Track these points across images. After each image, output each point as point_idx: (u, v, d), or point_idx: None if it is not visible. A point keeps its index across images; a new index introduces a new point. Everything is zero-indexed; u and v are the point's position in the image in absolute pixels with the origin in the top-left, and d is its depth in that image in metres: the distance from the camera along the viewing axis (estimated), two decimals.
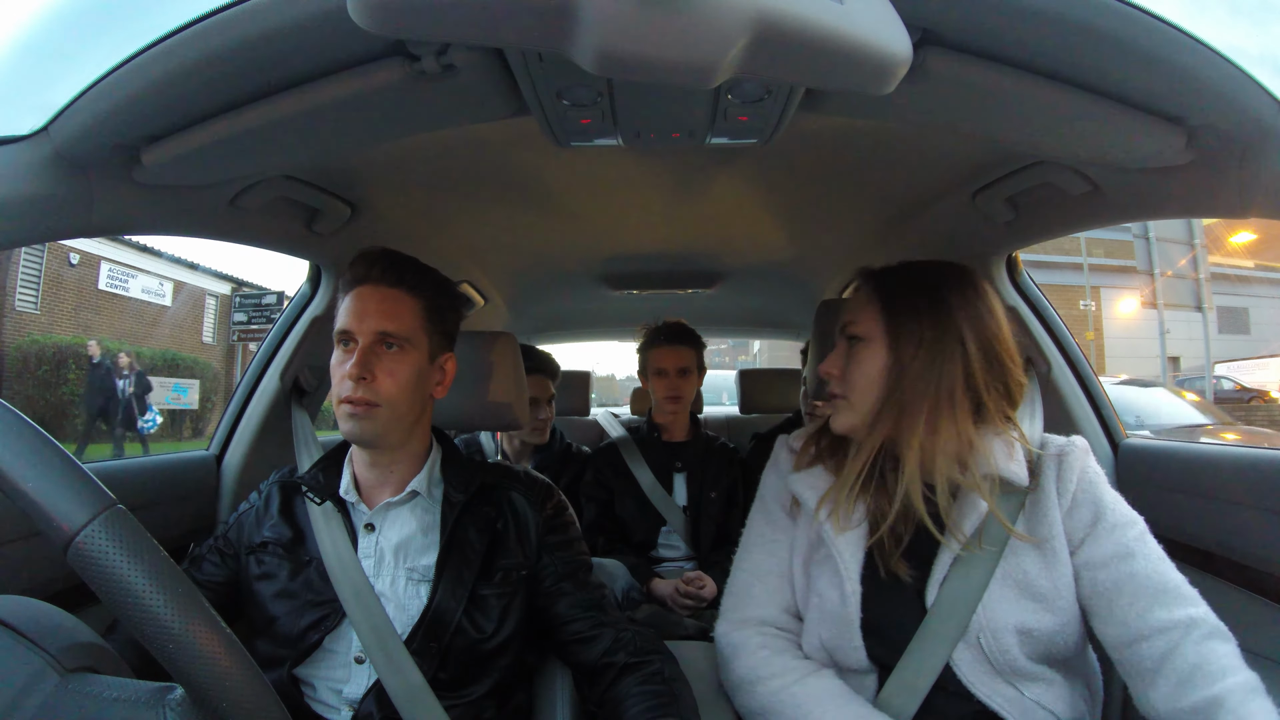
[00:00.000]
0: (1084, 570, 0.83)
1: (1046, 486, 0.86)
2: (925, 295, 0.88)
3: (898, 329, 0.86)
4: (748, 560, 1.00)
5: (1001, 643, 0.81)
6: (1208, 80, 0.60)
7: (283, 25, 0.55)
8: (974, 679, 0.82)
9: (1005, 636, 0.81)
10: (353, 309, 0.93)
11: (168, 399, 11.24)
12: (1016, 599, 0.83)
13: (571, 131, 0.75)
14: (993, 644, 0.81)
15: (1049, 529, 0.84)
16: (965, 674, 0.82)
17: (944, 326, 0.85)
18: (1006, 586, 0.83)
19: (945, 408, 0.84)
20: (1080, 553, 0.84)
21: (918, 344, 0.85)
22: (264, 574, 0.94)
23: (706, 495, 1.91)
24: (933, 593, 0.84)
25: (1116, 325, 16.60)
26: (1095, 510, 0.84)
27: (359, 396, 0.89)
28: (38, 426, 0.47)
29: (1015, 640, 0.81)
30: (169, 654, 0.44)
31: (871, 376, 0.88)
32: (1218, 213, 0.79)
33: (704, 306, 2.40)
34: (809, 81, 0.58)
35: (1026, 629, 0.81)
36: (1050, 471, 0.87)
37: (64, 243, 9.07)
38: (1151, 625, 0.77)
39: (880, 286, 0.91)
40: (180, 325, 13.14)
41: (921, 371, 0.84)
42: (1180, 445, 1.22)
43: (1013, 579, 0.84)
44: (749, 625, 0.95)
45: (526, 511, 1.00)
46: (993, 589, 0.83)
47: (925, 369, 0.84)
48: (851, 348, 0.91)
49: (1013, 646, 0.81)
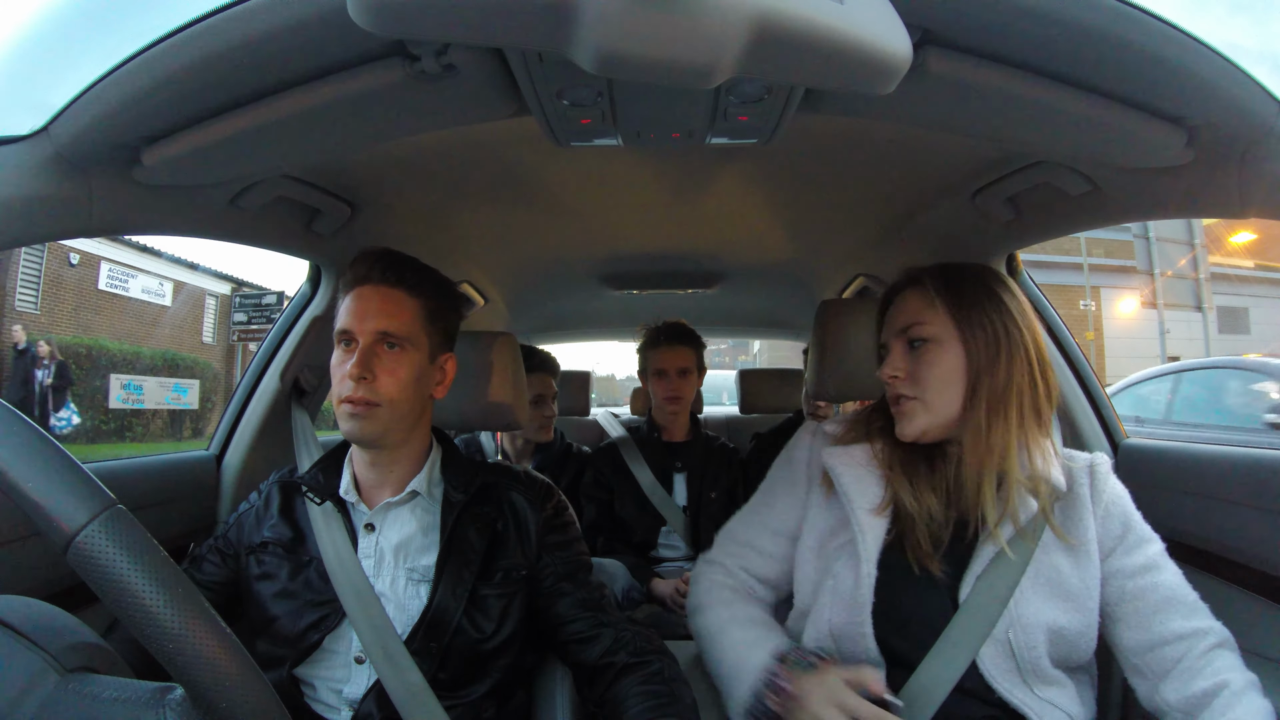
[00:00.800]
0: (1113, 578, 0.87)
1: (1081, 494, 0.90)
2: (986, 294, 0.89)
3: (970, 327, 0.88)
4: (733, 521, 1.07)
5: (1031, 639, 0.83)
6: (1208, 80, 0.60)
7: (283, 25, 0.55)
8: (997, 676, 0.83)
9: (1035, 634, 0.83)
10: (353, 309, 0.93)
11: (168, 399, 11.23)
12: (1048, 598, 0.85)
13: (571, 131, 0.75)
14: (1022, 640, 0.83)
15: (1084, 533, 0.88)
16: (989, 671, 0.83)
17: (1009, 325, 0.88)
18: (1039, 585, 0.85)
19: (1016, 405, 0.86)
20: (1110, 561, 0.88)
21: (992, 342, 0.87)
22: (264, 574, 0.94)
23: (706, 495, 1.91)
24: (967, 588, 0.85)
25: (1116, 325, 16.58)
26: (1125, 523, 0.89)
27: (359, 396, 0.89)
28: (38, 426, 0.47)
29: (1045, 638, 0.83)
30: (169, 654, 0.44)
31: (948, 378, 0.88)
32: (1218, 213, 0.79)
33: (704, 306, 2.40)
34: (809, 81, 0.58)
35: (1057, 628, 0.83)
36: (1084, 480, 0.91)
37: (64, 243, 9.05)
38: (1169, 634, 0.83)
39: (945, 286, 0.90)
40: (180, 325, 13.13)
41: (999, 369, 0.86)
42: (1180, 445, 1.22)
43: (1045, 578, 0.86)
44: (713, 563, 1.04)
45: (526, 511, 1.00)
46: (1024, 587, 0.84)
47: (1003, 367, 0.86)
48: (917, 349, 0.90)
49: (1040, 644, 0.83)
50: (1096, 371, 1.39)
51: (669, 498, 1.91)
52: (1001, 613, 0.83)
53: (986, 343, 0.87)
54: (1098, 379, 1.39)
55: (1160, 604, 0.85)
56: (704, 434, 2.05)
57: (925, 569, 0.87)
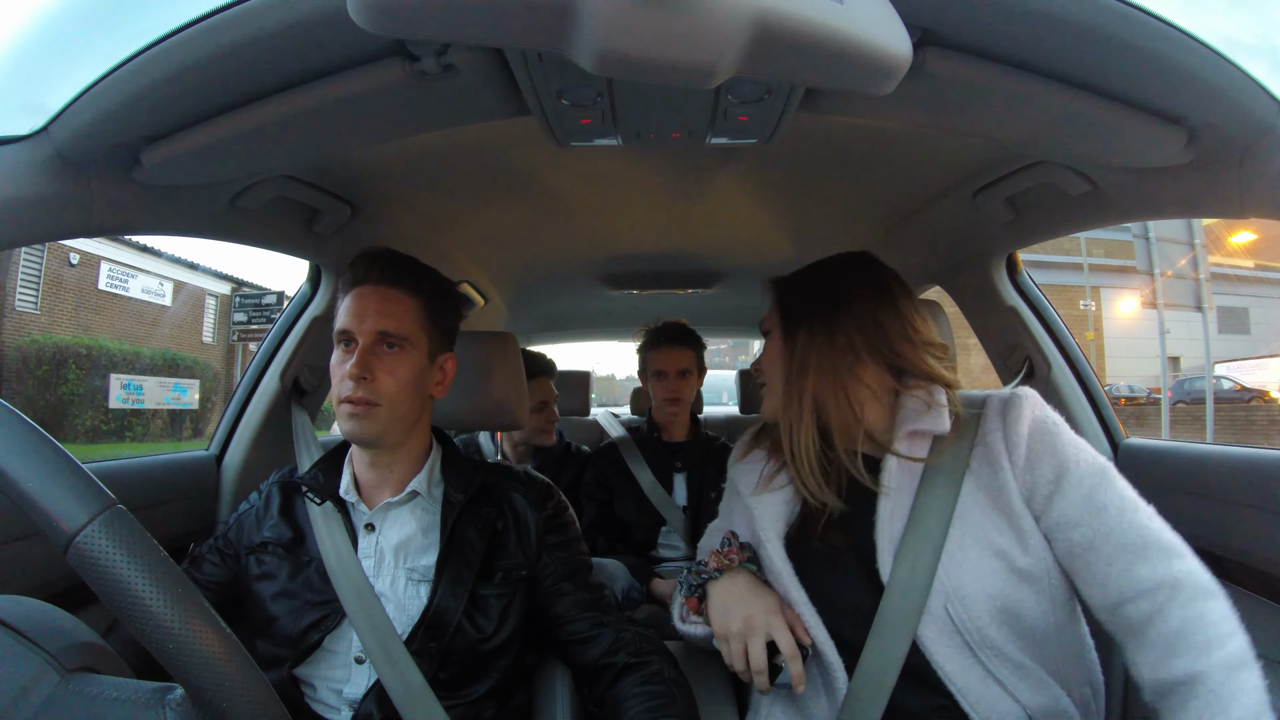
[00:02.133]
0: (1056, 532, 0.79)
1: (990, 441, 0.84)
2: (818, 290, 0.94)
3: (790, 320, 0.93)
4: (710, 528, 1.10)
5: (972, 611, 0.78)
6: (1208, 80, 0.60)
7: (283, 25, 0.55)
8: (946, 657, 0.78)
9: (976, 605, 0.78)
10: (353, 309, 0.93)
11: (168, 399, 11.23)
12: (983, 565, 0.80)
13: (571, 131, 0.75)
14: (962, 614, 0.78)
15: (1000, 486, 0.82)
16: (934, 651, 0.79)
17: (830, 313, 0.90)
18: (971, 551, 0.80)
19: (836, 382, 0.88)
20: (1049, 513, 0.80)
21: (808, 330, 0.91)
22: (264, 574, 0.94)
23: (706, 495, 1.91)
24: (886, 565, 0.83)
25: (1116, 325, 16.59)
26: (1057, 464, 0.80)
27: (359, 396, 0.89)
28: (38, 426, 0.47)
29: (987, 609, 0.78)
30: (169, 654, 0.44)
31: (774, 362, 0.95)
32: (1218, 213, 0.79)
33: (704, 306, 2.40)
34: (809, 81, 0.58)
35: (1001, 597, 0.78)
36: (994, 424, 0.85)
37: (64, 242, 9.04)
38: (1135, 586, 0.74)
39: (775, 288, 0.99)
40: (180, 325, 13.13)
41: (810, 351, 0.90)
42: (1180, 445, 1.22)
43: (976, 542, 0.81)
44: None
45: (526, 511, 1.00)
46: (954, 554, 0.80)
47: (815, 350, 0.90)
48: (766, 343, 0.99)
49: (983, 615, 0.78)
50: (1096, 371, 1.39)
51: (669, 498, 1.91)
52: (930, 583, 0.79)
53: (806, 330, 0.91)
54: (1098, 379, 1.39)
55: (1114, 551, 0.75)
56: (704, 434, 2.05)
57: (831, 545, 0.88)
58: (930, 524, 0.83)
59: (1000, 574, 0.79)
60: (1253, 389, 14.47)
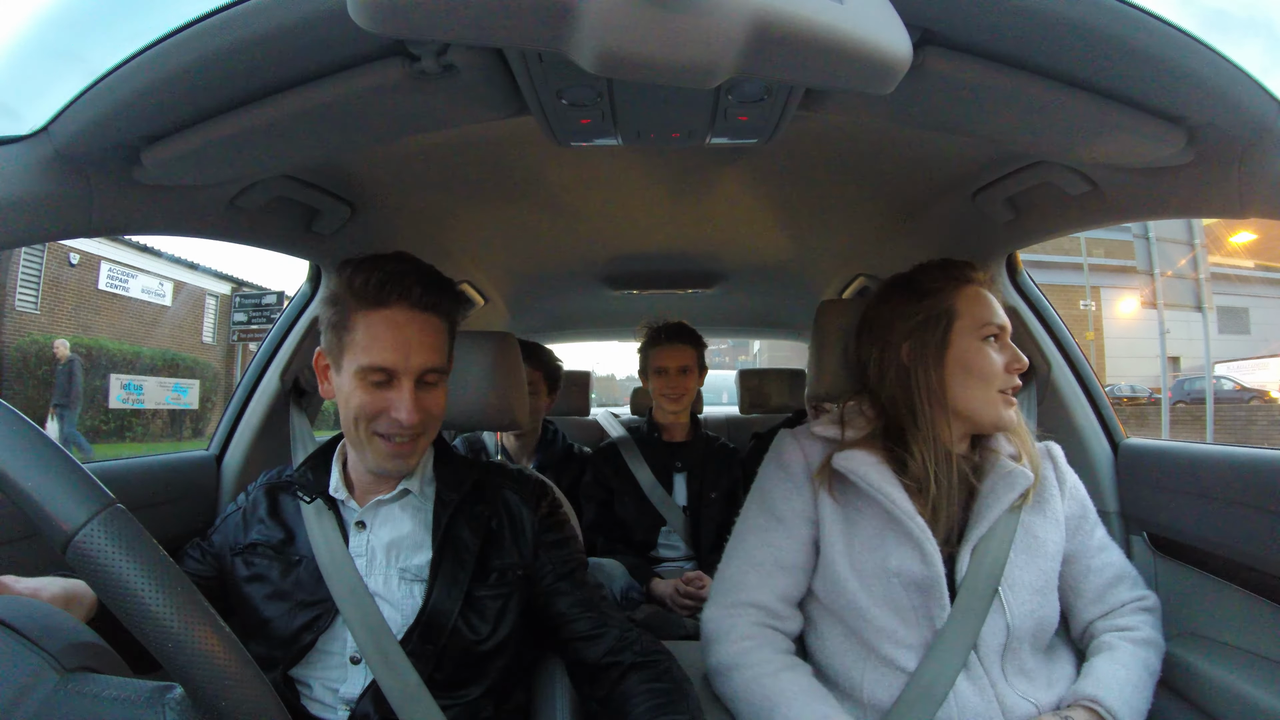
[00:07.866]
0: (1077, 556, 1.02)
1: (1048, 476, 1.03)
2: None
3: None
4: (741, 549, 1.02)
5: (1021, 599, 0.92)
6: (1208, 80, 0.60)
7: (283, 25, 0.55)
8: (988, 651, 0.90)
9: (1023, 593, 0.92)
10: (388, 341, 0.85)
11: (167, 399, 11.23)
12: (1029, 561, 0.95)
13: (571, 131, 0.75)
14: (1012, 601, 0.91)
15: (1055, 509, 1.00)
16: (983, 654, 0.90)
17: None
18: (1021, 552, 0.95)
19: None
20: (1073, 540, 1.02)
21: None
22: (254, 575, 0.93)
23: (706, 495, 1.91)
24: (965, 560, 0.93)
25: (1116, 325, 16.59)
26: (1082, 507, 1.05)
27: (410, 436, 0.88)
28: (37, 426, 0.47)
29: (1030, 598, 0.92)
30: (168, 654, 0.44)
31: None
32: (1218, 213, 0.79)
33: (704, 306, 2.40)
34: (809, 81, 0.58)
35: (1038, 588, 0.93)
36: (1047, 462, 1.05)
37: (64, 242, 9.04)
38: (1114, 602, 1.01)
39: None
40: (180, 325, 13.13)
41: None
42: (1180, 445, 1.22)
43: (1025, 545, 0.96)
44: (739, 608, 0.97)
45: (521, 510, 1.00)
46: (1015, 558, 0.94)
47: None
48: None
49: (1028, 601, 0.92)
50: (1096, 371, 1.39)
51: (669, 498, 1.91)
52: (999, 579, 0.92)
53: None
54: (1098, 379, 1.38)
55: (1113, 580, 1.01)
56: (704, 434, 2.05)
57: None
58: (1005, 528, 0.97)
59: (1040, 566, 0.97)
60: (1253, 389, 14.47)
